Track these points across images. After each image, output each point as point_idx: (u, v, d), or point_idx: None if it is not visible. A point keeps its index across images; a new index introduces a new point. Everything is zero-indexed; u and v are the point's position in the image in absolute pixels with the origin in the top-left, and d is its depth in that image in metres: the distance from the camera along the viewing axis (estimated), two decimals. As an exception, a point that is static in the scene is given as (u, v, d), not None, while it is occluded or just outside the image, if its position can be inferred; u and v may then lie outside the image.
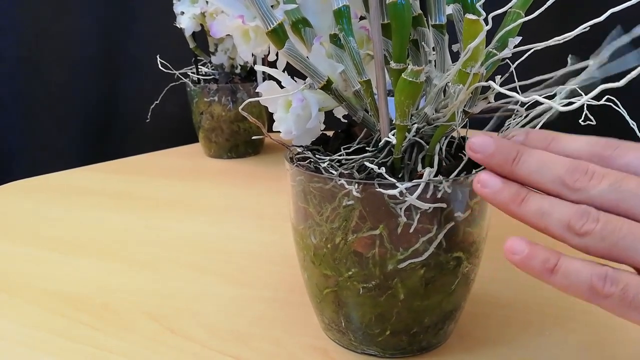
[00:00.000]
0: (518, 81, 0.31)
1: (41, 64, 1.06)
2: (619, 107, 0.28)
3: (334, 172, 0.30)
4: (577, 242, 0.24)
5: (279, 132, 0.33)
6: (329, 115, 0.35)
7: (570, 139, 0.26)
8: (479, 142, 0.26)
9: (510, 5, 0.27)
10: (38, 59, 1.06)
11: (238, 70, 0.84)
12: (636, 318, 0.22)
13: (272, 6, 0.30)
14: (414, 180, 0.28)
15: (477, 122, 0.33)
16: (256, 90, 0.34)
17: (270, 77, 0.34)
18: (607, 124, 0.29)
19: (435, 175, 0.29)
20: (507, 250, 0.24)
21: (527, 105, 0.28)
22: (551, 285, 0.24)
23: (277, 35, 0.29)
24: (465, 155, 0.31)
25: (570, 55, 0.28)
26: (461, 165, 0.29)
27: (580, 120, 0.25)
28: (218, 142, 0.85)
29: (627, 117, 0.27)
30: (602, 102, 0.27)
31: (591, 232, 0.23)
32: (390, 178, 0.28)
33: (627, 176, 0.24)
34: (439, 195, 0.28)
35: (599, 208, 0.24)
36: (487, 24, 0.24)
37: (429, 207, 0.28)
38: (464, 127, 0.32)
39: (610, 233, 0.23)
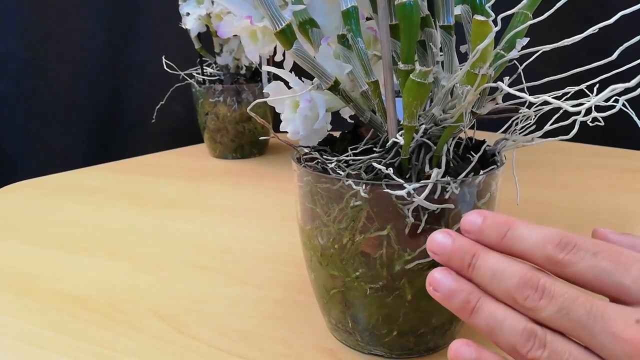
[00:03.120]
0: (525, 82, 0.31)
1: (47, 65, 1.06)
2: (628, 108, 0.27)
3: (341, 172, 0.30)
4: None
5: (286, 132, 0.33)
6: (335, 116, 0.35)
7: (526, 231, 0.24)
8: (437, 243, 0.25)
9: (519, 6, 0.27)
10: (44, 60, 1.06)
11: (243, 71, 0.85)
12: None
13: (279, 6, 0.30)
14: (422, 181, 0.28)
15: (485, 123, 0.33)
16: (263, 91, 0.34)
17: (276, 78, 0.34)
18: (615, 123, 0.28)
19: (443, 176, 0.29)
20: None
21: (534, 107, 0.28)
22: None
23: (286, 36, 0.29)
24: (473, 156, 0.31)
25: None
26: (470, 167, 0.29)
27: (589, 122, 0.25)
28: (223, 143, 0.85)
29: (636, 118, 0.27)
30: (610, 102, 0.27)
31: (537, 359, 0.22)
32: (398, 179, 0.28)
33: (577, 299, 0.22)
34: (446, 196, 0.28)
35: (553, 329, 0.23)
36: (496, 25, 0.24)
37: (437, 208, 0.28)
38: (472, 128, 0.32)
39: None
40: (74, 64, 1.07)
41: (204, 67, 0.85)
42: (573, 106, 0.22)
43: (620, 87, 0.20)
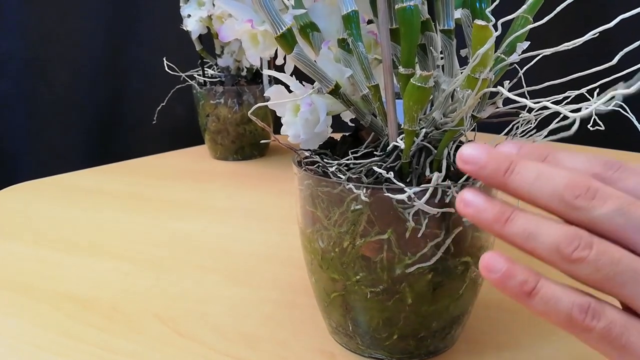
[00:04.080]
0: (526, 86, 0.31)
1: (47, 65, 1.07)
2: (628, 113, 0.27)
3: (342, 176, 0.30)
4: (567, 268, 0.21)
5: (286, 135, 0.33)
6: (336, 119, 0.35)
7: (568, 155, 0.23)
8: (469, 153, 0.23)
9: (520, 11, 0.27)
10: (44, 60, 1.06)
11: (244, 73, 0.85)
12: (616, 358, 0.21)
13: (280, 10, 0.30)
14: (422, 185, 0.28)
15: (485, 126, 0.33)
16: (264, 94, 0.34)
17: (277, 81, 0.34)
18: (615, 128, 0.28)
19: (444, 180, 0.29)
20: (483, 267, 0.22)
21: (534, 112, 0.28)
22: (528, 309, 0.22)
23: (286, 40, 0.29)
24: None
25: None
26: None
27: (589, 126, 0.25)
28: (224, 144, 0.85)
29: (636, 123, 0.27)
30: (611, 107, 0.27)
31: (584, 259, 0.21)
32: (398, 183, 0.28)
33: (636, 202, 0.21)
34: (447, 200, 0.28)
35: (598, 233, 0.21)
36: (496, 29, 0.24)
37: (437, 212, 0.28)
38: (473, 131, 0.32)
39: (606, 264, 0.20)
40: (75, 64, 1.07)
41: (205, 69, 0.85)
42: (572, 111, 0.22)
43: (620, 92, 0.20)
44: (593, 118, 0.27)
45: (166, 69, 0.81)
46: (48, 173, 0.78)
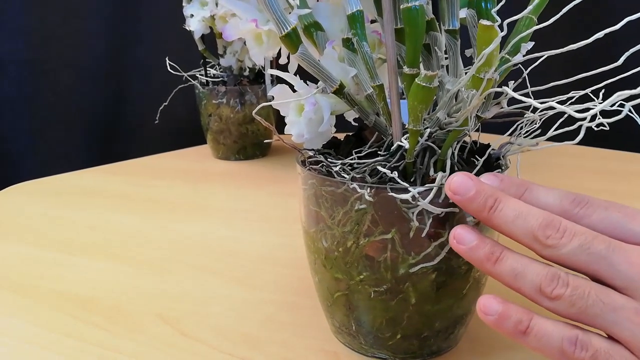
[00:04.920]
0: (530, 86, 0.31)
1: (49, 66, 1.07)
2: (633, 114, 0.27)
3: (346, 176, 0.30)
4: (548, 305, 0.24)
5: (289, 134, 0.33)
6: (339, 118, 0.35)
7: (543, 192, 0.27)
8: (459, 183, 0.26)
9: (525, 12, 0.27)
10: (46, 61, 1.06)
11: (246, 73, 0.85)
12: None
13: (284, 9, 0.30)
14: (426, 185, 0.28)
15: (490, 126, 0.33)
16: (268, 94, 0.34)
17: (279, 80, 0.34)
18: (616, 126, 0.28)
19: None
20: (480, 310, 0.25)
21: (539, 111, 0.28)
22: (523, 344, 0.24)
23: (291, 39, 0.29)
24: (477, 159, 0.31)
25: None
26: (474, 171, 0.29)
27: (594, 126, 0.25)
28: (226, 144, 0.85)
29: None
30: (615, 107, 0.27)
31: (561, 296, 0.23)
32: (402, 182, 0.28)
33: (597, 237, 0.24)
34: (451, 200, 0.28)
35: (570, 266, 0.24)
36: (501, 30, 0.24)
37: (441, 212, 0.28)
38: (477, 131, 0.32)
39: (578, 299, 0.23)
40: (77, 64, 1.07)
41: (208, 69, 0.85)
42: (578, 111, 0.22)
43: (626, 93, 0.20)
44: (598, 119, 0.27)
45: (168, 69, 0.81)
46: (50, 173, 0.78)
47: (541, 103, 0.24)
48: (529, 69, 0.31)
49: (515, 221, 0.25)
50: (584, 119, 0.23)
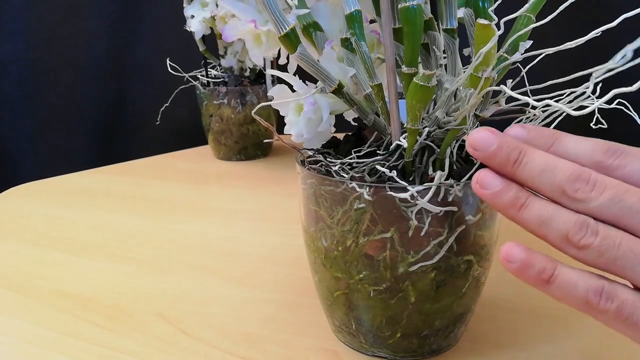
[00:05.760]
0: (528, 85, 0.31)
1: (51, 66, 1.07)
2: (631, 111, 0.28)
3: (345, 175, 0.30)
4: (575, 254, 0.23)
5: (289, 134, 0.34)
6: (339, 118, 0.35)
7: (574, 141, 0.25)
8: (480, 139, 0.24)
9: (522, 10, 0.27)
10: (47, 61, 1.07)
11: (247, 73, 0.85)
12: (630, 335, 0.22)
13: (283, 10, 0.30)
14: (425, 184, 0.28)
15: (488, 124, 0.34)
16: (267, 94, 0.35)
17: (280, 80, 0.34)
18: (617, 123, 0.28)
19: (446, 179, 0.29)
20: (503, 258, 0.24)
21: (538, 109, 0.28)
22: (547, 294, 0.24)
23: (290, 40, 0.29)
24: (475, 160, 0.31)
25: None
26: (473, 169, 0.29)
27: (591, 124, 0.25)
28: (227, 145, 0.85)
29: (638, 120, 0.27)
30: (613, 105, 0.27)
31: (589, 245, 0.22)
32: (401, 181, 0.28)
33: (629, 189, 0.23)
34: (450, 199, 0.28)
35: (599, 220, 0.23)
36: (498, 28, 0.24)
37: (440, 211, 0.28)
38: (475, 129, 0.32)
39: (608, 249, 0.22)
40: (78, 65, 1.07)
41: (208, 69, 0.85)
42: (575, 109, 0.22)
43: (622, 90, 0.20)
44: (595, 116, 0.27)
45: (169, 69, 0.81)
46: (51, 173, 0.78)
47: (538, 101, 0.24)
48: (527, 67, 0.31)
49: (541, 174, 0.24)
50: (580, 116, 0.23)
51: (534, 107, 0.24)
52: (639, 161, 0.24)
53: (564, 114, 0.24)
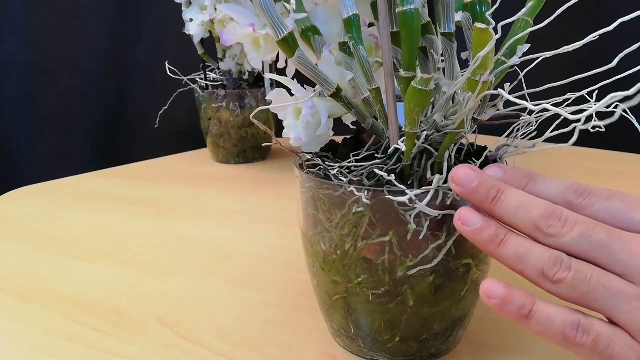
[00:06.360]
0: (526, 88, 0.31)
1: (51, 68, 1.07)
2: (629, 114, 0.28)
3: (343, 179, 0.30)
4: (550, 289, 0.24)
5: (288, 138, 0.34)
6: (338, 121, 0.35)
7: (547, 182, 0.27)
8: (462, 175, 0.26)
9: (520, 14, 0.28)
10: (47, 62, 1.07)
11: (246, 77, 0.85)
12: None
13: (281, 14, 0.30)
14: (424, 188, 0.28)
15: (487, 127, 0.34)
16: (266, 98, 0.35)
17: (279, 85, 0.34)
18: (613, 125, 0.28)
19: (445, 183, 0.29)
20: (484, 294, 0.25)
21: (536, 114, 0.28)
22: (526, 329, 0.24)
23: (288, 44, 0.29)
24: (474, 162, 0.31)
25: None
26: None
27: (590, 128, 0.25)
28: (226, 148, 0.85)
29: (637, 124, 0.27)
30: (611, 109, 0.27)
31: (563, 280, 0.24)
32: (399, 185, 0.28)
33: (598, 225, 0.24)
34: (448, 202, 0.28)
35: (572, 255, 0.24)
36: (496, 33, 0.24)
37: (439, 214, 0.28)
38: (475, 132, 0.32)
39: (580, 282, 0.23)
40: (78, 67, 1.08)
41: (207, 73, 0.85)
42: (572, 114, 0.22)
43: (620, 95, 0.20)
44: (593, 120, 0.27)
45: (168, 72, 0.81)
46: (52, 175, 0.78)
47: (536, 105, 0.24)
48: (525, 71, 0.31)
49: (517, 212, 0.25)
50: (578, 120, 0.23)
51: (531, 112, 0.24)
52: (606, 200, 0.26)
53: (562, 117, 0.24)
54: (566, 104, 0.28)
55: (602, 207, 0.26)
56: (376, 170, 0.30)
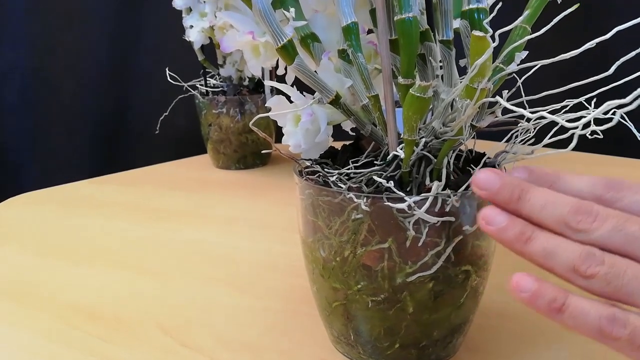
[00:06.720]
0: (525, 95, 0.31)
1: (52, 74, 1.08)
2: (627, 121, 0.28)
3: (342, 185, 0.30)
4: (582, 284, 0.24)
5: (288, 144, 0.34)
6: (337, 126, 0.35)
7: (574, 178, 0.26)
8: (484, 179, 0.26)
9: (518, 21, 0.28)
10: (49, 70, 1.07)
11: (246, 82, 0.85)
12: None
13: (280, 21, 0.31)
14: (422, 194, 0.28)
15: (484, 134, 0.34)
16: (266, 105, 0.35)
17: (278, 92, 0.34)
18: (614, 136, 0.29)
19: (444, 189, 0.29)
20: (514, 288, 0.24)
21: (533, 121, 0.29)
22: (559, 323, 0.24)
23: (287, 51, 0.30)
24: (473, 168, 0.31)
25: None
26: (470, 179, 0.29)
27: (587, 134, 0.25)
28: (226, 154, 0.85)
29: (635, 131, 0.27)
30: (609, 115, 0.27)
31: (596, 275, 0.23)
32: (398, 192, 0.28)
33: (630, 218, 0.24)
34: (447, 209, 0.28)
35: (603, 249, 0.24)
36: (494, 40, 0.24)
37: (437, 221, 0.28)
38: (473, 138, 0.32)
39: (614, 277, 0.23)
40: (79, 73, 1.08)
41: (207, 79, 0.85)
42: (569, 121, 0.23)
43: (616, 102, 0.20)
44: (591, 127, 0.27)
45: (168, 79, 0.81)
46: (53, 181, 0.78)
47: (533, 112, 0.24)
48: (523, 77, 0.31)
49: (544, 209, 0.25)
50: (575, 127, 0.23)
51: (528, 120, 0.24)
52: (637, 194, 0.25)
53: (559, 126, 0.24)
54: (564, 110, 0.28)
55: (633, 201, 0.25)
56: (375, 177, 0.30)
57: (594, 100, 0.26)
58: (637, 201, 0.25)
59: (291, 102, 0.34)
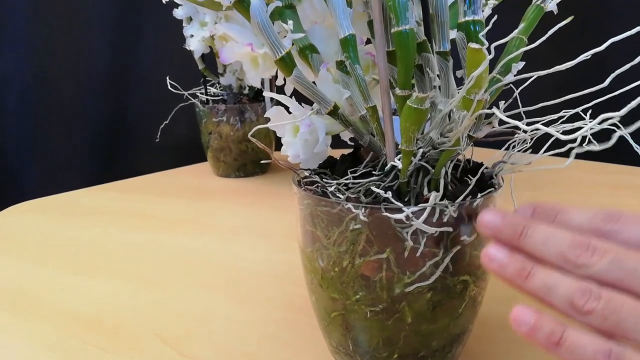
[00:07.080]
0: (521, 106, 0.31)
1: (53, 79, 1.08)
2: (623, 130, 0.28)
3: (341, 196, 0.30)
4: (580, 319, 0.24)
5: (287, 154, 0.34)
6: (335, 137, 0.36)
7: (575, 212, 0.27)
8: (487, 219, 0.27)
9: (515, 32, 0.28)
10: (50, 74, 1.08)
11: (246, 91, 0.86)
12: None
13: (279, 33, 0.31)
14: (420, 205, 0.28)
15: (482, 143, 0.34)
16: (265, 115, 0.35)
17: (278, 102, 0.35)
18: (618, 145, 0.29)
19: (441, 199, 0.29)
20: (514, 321, 0.25)
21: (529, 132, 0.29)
22: (555, 357, 0.24)
23: (285, 63, 0.30)
24: (471, 178, 0.31)
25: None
26: (467, 190, 0.29)
27: (584, 145, 0.26)
28: (226, 162, 0.85)
29: (633, 143, 0.28)
30: (605, 125, 0.27)
31: (593, 310, 0.23)
32: (396, 202, 0.28)
33: (628, 252, 0.24)
34: (445, 219, 0.28)
35: (603, 283, 0.24)
36: (490, 52, 0.25)
37: (436, 231, 0.28)
38: (471, 146, 0.33)
39: (611, 312, 0.23)
40: (80, 78, 1.08)
41: (208, 87, 0.86)
42: (565, 132, 0.23)
43: (611, 115, 0.20)
44: (588, 138, 0.27)
45: (169, 87, 0.82)
46: (51, 185, 0.79)
47: (529, 124, 0.24)
48: (520, 88, 0.31)
49: (545, 244, 0.25)
50: (571, 140, 0.23)
51: (525, 131, 0.25)
52: (635, 225, 0.25)
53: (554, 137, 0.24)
54: (560, 121, 0.29)
55: (632, 233, 0.25)
56: (373, 188, 0.30)
57: (589, 112, 0.26)
58: (636, 232, 0.25)
59: (290, 112, 0.34)
